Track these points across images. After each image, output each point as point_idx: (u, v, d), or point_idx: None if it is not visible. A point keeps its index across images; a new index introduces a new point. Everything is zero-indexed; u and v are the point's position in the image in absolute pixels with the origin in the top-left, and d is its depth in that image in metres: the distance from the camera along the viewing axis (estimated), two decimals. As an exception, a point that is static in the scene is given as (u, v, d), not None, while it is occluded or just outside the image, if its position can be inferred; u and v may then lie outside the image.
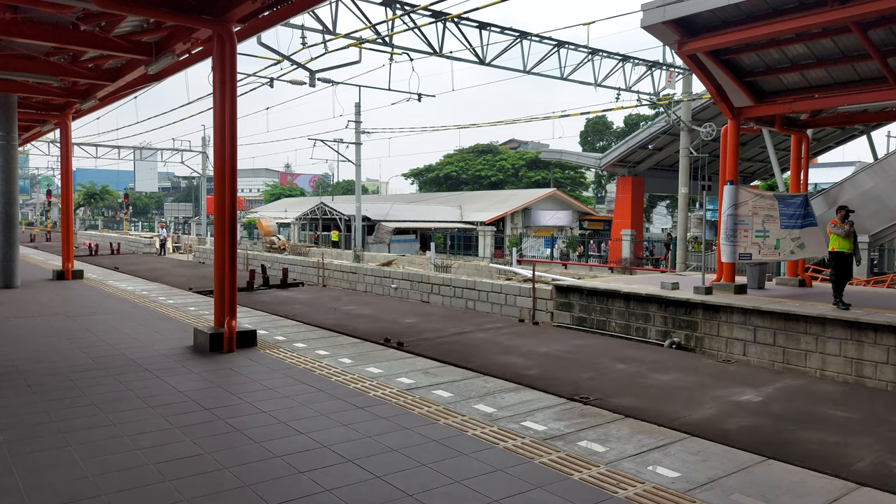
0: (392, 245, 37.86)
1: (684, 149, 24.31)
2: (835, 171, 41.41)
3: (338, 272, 22.98)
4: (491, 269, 26.89)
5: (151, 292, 11.85)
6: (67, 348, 7.09)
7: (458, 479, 3.79)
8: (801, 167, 14.38)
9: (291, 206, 55.23)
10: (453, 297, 17.47)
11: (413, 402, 5.23)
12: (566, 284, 14.61)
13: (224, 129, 7.11)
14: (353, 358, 6.77)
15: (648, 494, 3.61)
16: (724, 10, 10.89)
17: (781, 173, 25.01)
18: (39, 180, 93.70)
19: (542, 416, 4.92)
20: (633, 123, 54.28)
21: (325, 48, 17.01)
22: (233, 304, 7.20)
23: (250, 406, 5.12)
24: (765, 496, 3.58)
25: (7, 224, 12.41)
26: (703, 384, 8.00)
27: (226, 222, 7.20)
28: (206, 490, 3.60)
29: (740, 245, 12.42)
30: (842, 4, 9.72)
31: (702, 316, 11.58)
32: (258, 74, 20.23)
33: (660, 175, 33.49)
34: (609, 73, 21.40)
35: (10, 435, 4.40)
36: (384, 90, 22.47)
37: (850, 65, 11.83)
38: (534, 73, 19.56)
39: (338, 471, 3.89)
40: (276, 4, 6.99)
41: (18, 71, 10.10)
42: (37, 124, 16.25)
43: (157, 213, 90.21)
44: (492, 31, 18.07)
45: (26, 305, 10.14)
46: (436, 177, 62.22)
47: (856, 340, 9.72)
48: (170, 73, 10.17)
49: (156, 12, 6.97)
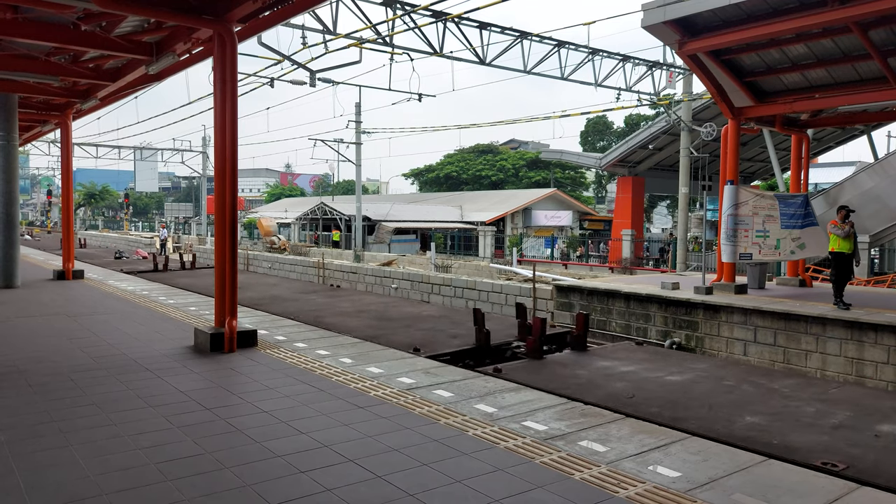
0: (392, 245, 37.87)
1: (685, 149, 24.32)
2: (835, 171, 41.40)
3: (338, 272, 22.99)
4: (491, 269, 26.88)
5: (152, 292, 11.86)
6: (68, 348, 7.10)
7: (458, 478, 3.79)
8: (802, 167, 14.39)
9: (292, 206, 55.27)
10: (454, 297, 17.47)
11: (414, 402, 5.23)
12: (566, 284, 14.62)
13: (225, 129, 7.12)
14: (353, 358, 6.77)
15: (649, 494, 3.61)
16: (724, 10, 10.89)
17: (782, 173, 25.00)
18: (40, 180, 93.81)
19: (542, 416, 4.92)
20: (634, 123, 54.27)
21: (326, 48, 17.03)
22: (233, 304, 7.20)
23: (251, 406, 5.12)
24: (766, 496, 3.58)
25: (8, 224, 12.41)
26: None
27: (226, 222, 7.20)
28: (207, 490, 3.60)
29: (741, 245, 12.42)
30: (842, 4, 9.72)
31: (702, 316, 11.59)
32: (259, 74, 20.28)
33: (660, 175, 33.48)
34: (609, 73, 21.41)
35: (11, 434, 4.40)
36: (384, 90, 22.48)
37: (850, 65, 11.83)
38: (534, 73, 19.56)
39: (338, 470, 3.89)
40: (277, 4, 6.99)
41: (19, 71, 10.11)
42: (37, 124, 16.26)
43: (157, 213, 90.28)
44: (492, 31, 18.07)
45: (27, 305, 10.14)
46: (436, 177, 62.20)
47: (856, 340, 9.73)
48: (170, 73, 10.18)
49: (156, 12, 6.98)
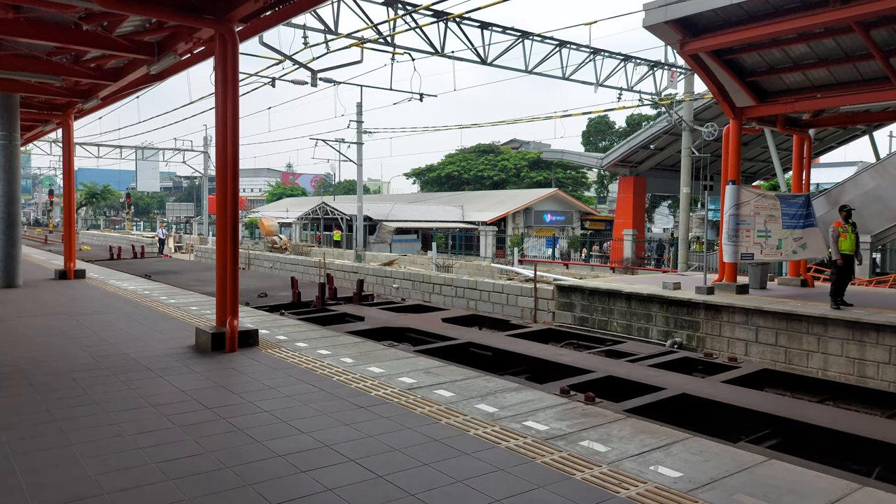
0: (393, 245, 37.87)
1: (686, 149, 24.31)
2: (837, 171, 41.39)
3: (339, 272, 23.00)
4: (492, 269, 26.88)
5: (153, 292, 11.86)
6: (69, 347, 7.10)
7: (459, 478, 3.79)
8: (803, 167, 14.38)
9: (293, 205, 55.30)
10: (455, 297, 17.47)
11: (415, 402, 5.23)
12: (568, 284, 14.61)
13: (226, 129, 7.11)
14: (354, 357, 6.77)
15: (651, 494, 3.61)
16: (726, 9, 10.88)
17: (783, 173, 24.98)
18: (41, 180, 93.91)
19: (543, 416, 4.91)
20: (636, 123, 54.22)
21: (327, 48, 17.02)
22: (235, 304, 7.19)
23: (252, 405, 5.12)
24: (767, 496, 3.58)
25: (9, 224, 12.42)
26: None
27: (228, 222, 7.20)
28: (208, 489, 3.60)
29: (742, 245, 12.41)
30: (844, 4, 9.71)
31: (704, 316, 11.58)
32: (260, 74, 20.28)
33: (662, 175, 33.45)
34: (611, 72, 21.38)
35: (12, 434, 4.40)
36: (386, 90, 22.51)
37: (852, 65, 11.82)
38: (535, 72, 19.54)
39: (340, 470, 3.89)
40: (279, 4, 6.99)
41: (21, 70, 10.10)
42: (39, 124, 16.26)
43: (158, 213, 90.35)
44: (493, 30, 18.06)
45: (28, 305, 10.15)
46: (437, 177, 62.17)
47: (858, 340, 9.72)
48: (172, 73, 10.18)
49: (158, 12, 6.98)
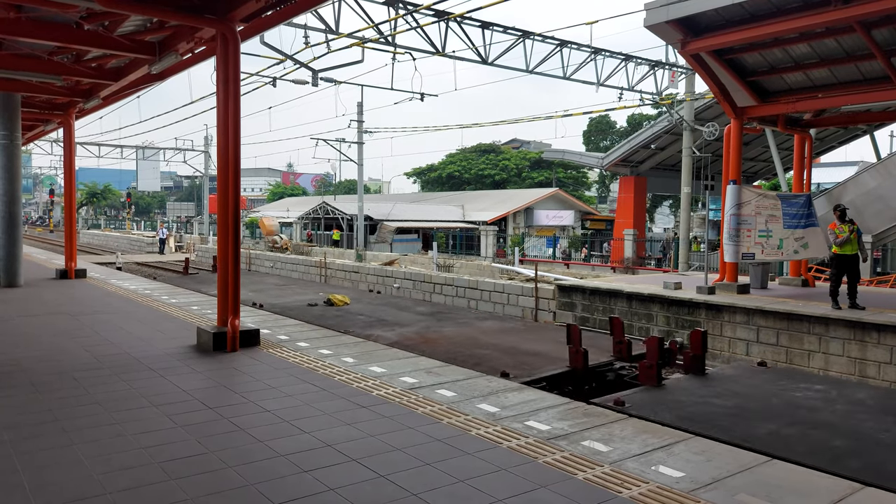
0: (394, 244, 37.86)
1: (687, 148, 24.30)
2: (838, 170, 41.34)
3: (340, 271, 22.99)
4: (493, 269, 26.87)
5: (154, 291, 11.86)
6: (71, 347, 7.10)
7: (461, 478, 3.79)
8: (805, 167, 14.38)
9: (294, 205, 55.29)
10: (455, 297, 17.47)
11: (416, 402, 5.23)
12: (568, 284, 14.61)
13: (227, 129, 7.11)
14: (355, 357, 6.77)
15: (653, 494, 3.61)
16: (727, 9, 10.88)
17: (784, 173, 24.98)
18: (42, 179, 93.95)
19: (545, 416, 4.91)
20: (637, 123, 54.19)
21: (328, 47, 17.02)
22: (236, 303, 7.20)
23: (254, 405, 5.12)
24: (769, 496, 3.57)
25: (10, 223, 12.43)
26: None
27: (229, 221, 7.20)
28: (211, 489, 3.60)
29: (743, 245, 12.40)
30: (845, 4, 9.69)
31: (705, 316, 11.57)
32: (261, 74, 20.28)
33: (662, 175, 33.43)
34: (612, 72, 21.36)
35: (14, 433, 4.41)
36: (387, 89, 22.51)
37: (853, 64, 11.81)
38: (536, 72, 19.52)
39: (342, 470, 3.89)
40: (280, 4, 6.99)
41: (22, 70, 10.10)
42: (40, 123, 16.27)
43: (159, 213, 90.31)
44: (494, 30, 18.06)
45: (30, 304, 10.15)
46: (438, 176, 62.17)
47: (859, 340, 9.72)
48: (173, 73, 10.18)
49: (159, 12, 6.98)
